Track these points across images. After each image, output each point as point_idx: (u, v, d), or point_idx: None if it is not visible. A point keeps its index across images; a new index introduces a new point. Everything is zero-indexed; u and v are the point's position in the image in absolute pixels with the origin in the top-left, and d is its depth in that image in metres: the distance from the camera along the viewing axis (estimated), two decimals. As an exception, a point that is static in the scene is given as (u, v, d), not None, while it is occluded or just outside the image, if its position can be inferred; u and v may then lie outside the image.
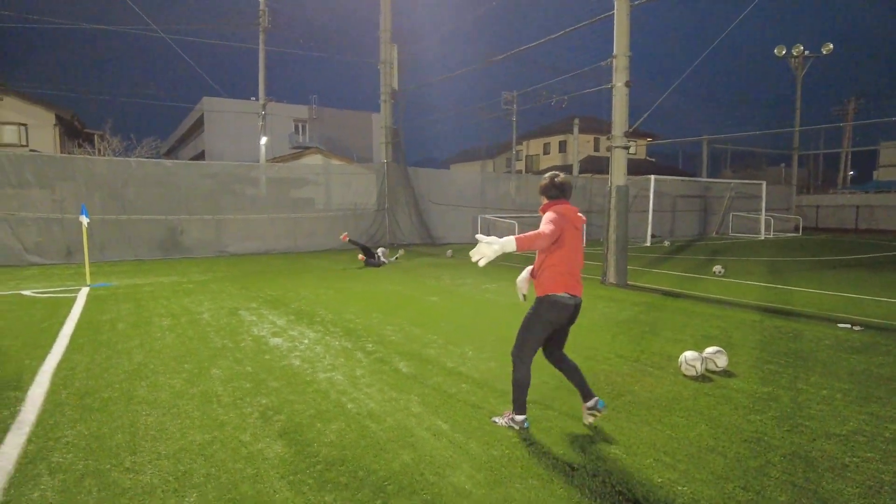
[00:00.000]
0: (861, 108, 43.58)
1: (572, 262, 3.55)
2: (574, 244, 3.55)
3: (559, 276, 3.51)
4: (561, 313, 3.55)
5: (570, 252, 3.53)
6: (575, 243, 3.55)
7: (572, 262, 3.55)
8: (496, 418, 3.85)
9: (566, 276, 3.52)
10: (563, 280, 3.51)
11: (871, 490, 2.96)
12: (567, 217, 3.53)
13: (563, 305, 3.52)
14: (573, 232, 3.56)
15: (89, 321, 7.06)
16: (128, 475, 3.10)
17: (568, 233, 3.51)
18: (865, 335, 6.42)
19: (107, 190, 14.78)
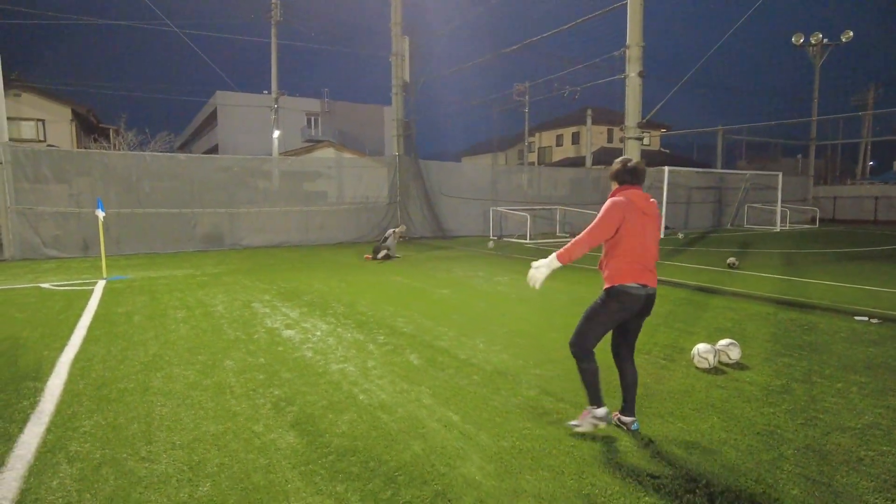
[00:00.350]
0: (881, 96, 42.75)
1: (640, 251, 3.37)
2: (641, 231, 3.36)
3: (625, 265, 3.36)
4: (629, 304, 3.37)
5: (637, 240, 3.35)
6: (642, 231, 3.37)
7: (639, 250, 3.36)
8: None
9: (633, 264, 3.36)
10: (629, 269, 3.35)
11: (887, 484, 2.92)
12: (634, 204, 3.36)
13: (631, 296, 3.35)
14: (641, 219, 3.37)
15: (106, 313, 7.16)
16: (143, 464, 3.15)
17: (633, 221, 3.34)
18: (883, 328, 6.33)
19: (122, 184, 14.94)
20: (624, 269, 3.36)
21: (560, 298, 8.20)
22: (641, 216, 3.38)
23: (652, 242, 3.43)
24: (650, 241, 3.42)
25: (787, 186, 27.06)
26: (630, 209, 3.35)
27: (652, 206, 3.44)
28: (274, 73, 25.14)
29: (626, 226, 3.33)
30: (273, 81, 25.29)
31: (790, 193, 28.43)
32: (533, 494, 2.82)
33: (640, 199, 3.40)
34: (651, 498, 2.78)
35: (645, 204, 3.41)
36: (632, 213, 3.35)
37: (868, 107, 40.45)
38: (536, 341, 5.76)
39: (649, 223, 3.42)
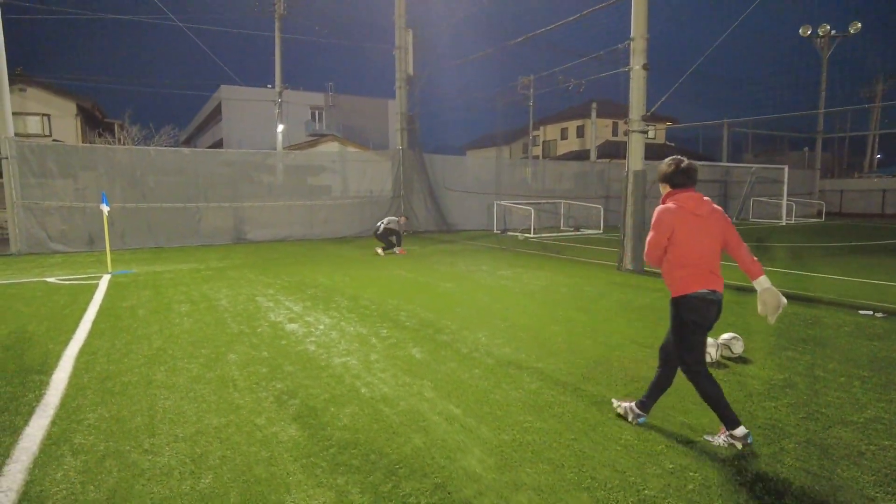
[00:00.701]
0: (890, 88, 42.33)
1: (698, 257, 3.20)
2: (696, 237, 3.20)
3: (688, 273, 3.21)
4: (704, 311, 3.21)
5: (694, 246, 3.20)
6: (698, 235, 3.20)
7: (698, 256, 3.20)
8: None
9: (696, 271, 3.20)
10: (694, 277, 3.20)
11: (888, 478, 2.92)
12: (684, 209, 3.21)
13: (705, 301, 3.19)
14: (695, 223, 3.20)
15: (110, 307, 7.21)
16: (146, 456, 3.18)
17: (686, 227, 3.19)
18: (888, 322, 6.30)
19: (127, 178, 15.00)
20: (687, 277, 3.22)
21: (562, 292, 8.20)
22: (696, 219, 3.20)
23: (714, 244, 3.24)
24: (712, 243, 3.23)
25: (793, 180, 26.90)
26: (680, 215, 3.20)
27: (706, 206, 3.26)
28: (278, 67, 25.12)
29: (679, 233, 3.19)
30: (277, 75, 25.28)
31: (796, 187, 28.27)
32: (532, 487, 2.83)
33: (693, 201, 3.24)
34: (650, 491, 2.79)
35: (699, 206, 3.23)
36: (683, 218, 3.19)
37: (876, 99, 40.10)
38: (538, 335, 5.77)
39: (706, 225, 3.22)
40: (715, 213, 3.28)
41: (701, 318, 3.23)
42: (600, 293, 8.12)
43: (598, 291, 8.26)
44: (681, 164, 3.32)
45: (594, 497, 2.74)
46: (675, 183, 3.32)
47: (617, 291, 8.27)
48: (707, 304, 3.21)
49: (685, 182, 3.31)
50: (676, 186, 3.32)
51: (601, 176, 24.65)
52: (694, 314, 3.22)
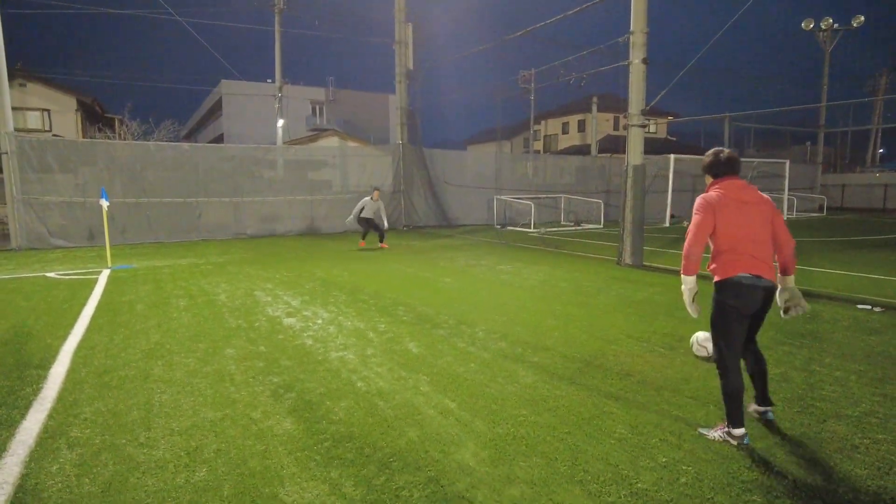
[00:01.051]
0: (894, 82, 42.09)
1: (743, 241, 3.17)
2: (741, 222, 3.18)
3: (729, 257, 3.19)
4: (743, 297, 3.17)
5: (738, 231, 3.17)
6: (744, 220, 3.18)
7: (742, 240, 3.17)
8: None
9: (738, 255, 3.17)
10: (734, 261, 3.17)
11: (881, 471, 2.92)
12: (726, 196, 3.21)
13: (743, 287, 3.15)
14: (739, 209, 3.20)
15: (109, 302, 7.23)
16: (142, 450, 3.19)
17: (729, 212, 3.18)
18: (885, 316, 6.30)
19: (127, 173, 15.01)
20: (728, 261, 3.20)
21: (561, 286, 8.20)
22: (740, 205, 3.20)
23: (760, 231, 3.20)
24: (756, 229, 3.19)
25: (794, 174, 26.81)
26: (722, 202, 3.20)
27: (752, 193, 3.26)
28: (278, 61, 25.06)
29: (721, 219, 3.19)
30: (277, 70, 25.21)
31: (798, 181, 28.18)
32: (525, 480, 2.84)
33: (737, 188, 3.24)
34: (643, 485, 2.80)
35: (743, 193, 3.23)
36: (725, 205, 3.20)
37: (879, 93, 39.91)
38: (535, 329, 5.77)
39: (752, 211, 3.21)
40: (764, 201, 3.26)
41: (740, 304, 3.19)
42: (599, 288, 8.12)
43: (597, 286, 8.26)
44: (721, 153, 3.34)
45: (587, 490, 2.75)
46: (717, 172, 3.34)
47: (615, 286, 8.27)
48: (748, 290, 3.16)
49: (727, 171, 3.32)
50: (718, 176, 3.34)
51: (602, 170, 24.60)
52: (732, 299, 3.19)
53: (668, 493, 2.72)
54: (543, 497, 2.69)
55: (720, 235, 3.23)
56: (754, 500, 2.67)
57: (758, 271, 3.16)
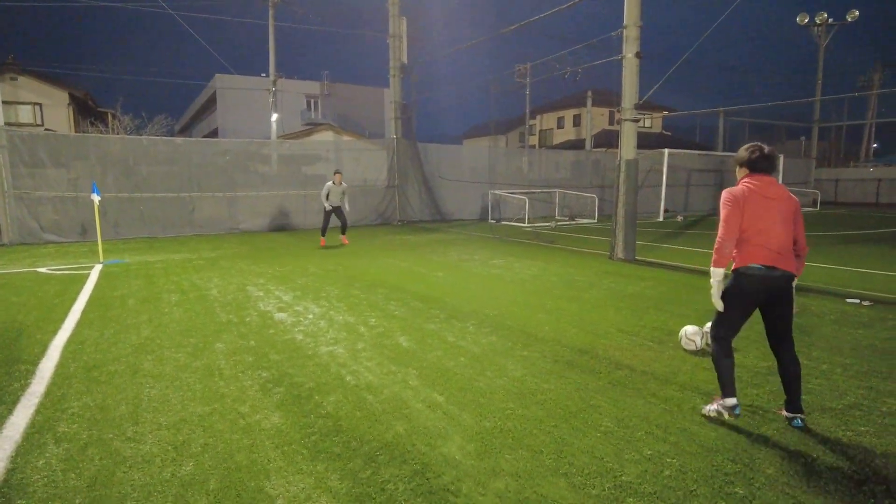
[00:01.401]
0: (887, 77, 42.19)
1: (761, 234, 3.28)
2: (763, 215, 3.29)
3: (746, 248, 3.32)
4: (752, 287, 3.31)
5: (758, 224, 3.29)
6: (765, 214, 3.29)
7: (761, 233, 3.28)
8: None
9: (754, 247, 3.29)
10: (750, 252, 3.30)
11: (862, 463, 2.95)
12: (752, 191, 3.32)
13: (750, 277, 3.29)
14: (763, 203, 3.30)
15: (101, 297, 7.21)
16: (129, 444, 3.20)
17: (753, 206, 3.29)
18: (873, 310, 6.34)
19: (120, 168, 14.93)
20: (744, 251, 3.33)
21: (553, 281, 8.22)
22: (764, 200, 3.31)
23: (777, 224, 3.30)
24: (776, 224, 3.30)
25: (789, 169, 26.89)
26: (748, 195, 3.32)
27: (779, 190, 3.35)
28: (272, 55, 24.93)
29: (746, 212, 3.31)
30: (271, 64, 25.09)
31: (792, 176, 28.25)
32: (511, 473, 2.86)
33: (765, 184, 3.34)
34: (627, 477, 2.82)
35: (770, 189, 3.33)
36: (751, 199, 3.31)
37: (873, 88, 40.00)
38: (526, 323, 5.79)
39: (773, 206, 3.31)
40: (789, 199, 3.36)
41: (747, 294, 3.35)
42: (590, 282, 8.15)
43: (589, 280, 8.29)
44: (763, 149, 3.40)
45: (571, 483, 2.77)
46: (757, 168, 3.39)
47: (607, 280, 8.29)
48: (757, 280, 3.29)
49: (767, 167, 3.39)
50: (755, 171, 3.40)
51: (596, 165, 24.61)
52: (740, 288, 3.35)
53: (651, 486, 2.74)
54: (528, 490, 2.71)
55: (745, 230, 3.33)
56: (736, 492, 2.69)
57: (772, 262, 3.27)
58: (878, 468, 2.90)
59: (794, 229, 3.37)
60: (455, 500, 2.63)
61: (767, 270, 3.27)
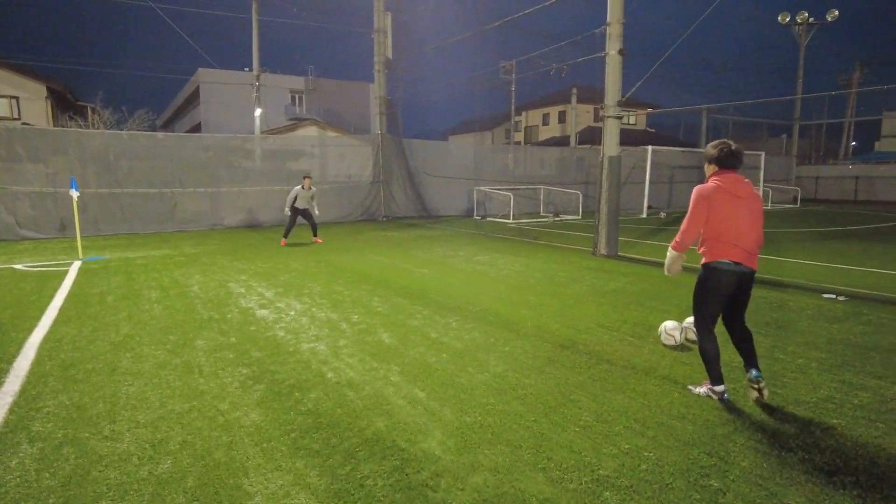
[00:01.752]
0: (866, 76, 42.87)
1: (730, 231, 3.47)
2: (731, 213, 3.46)
3: (716, 244, 3.52)
4: (723, 280, 3.53)
5: (727, 222, 3.46)
6: (734, 212, 3.46)
7: (730, 230, 3.47)
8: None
9: (724, 244, 3.49)
10: (720, 248, 3.50)
11: (834, 455, 3.01)
12: (722, 188, 3.47)
13: (722, 272, 3.52)
14: (731, 201, 3.47)
15: (79, 294, 7.10)
16: (105, 443, 3.16)
17: (721, 203, 3.46)
18: (848, 305, 6.46)
19: (100, 163, 14.69)
20: (714, 247, 3.52)
21: (536, 277, 8.26)
22: (733, 198, 3.47)
23: (746, 223, 3.48)
24: (743, 221, 3.47)
25: (770, 166, 27.24)
26: (717, 193, 3.47)
27: (747, 188, 3.51)
28: (255, 49, 24.67)
29: (714, 208, 3.47)
30: (255, 58, 24.82)
31: (773, 173, 28.65)
32: (489, 468, 2.87)
33: (734, 182, 3.49)
34: (605, 471, 2.85)
35: (738, 187, 3.48)
36: (719, 196, 3.47)
37: (852, 86, 40.63)
38: (508, 319, 5.81)
39: (743, 205, 3.48)
40: (755, 197, 3.55)
41: (718, 285, 3.56)
42: (573, 278, 8.20)
43: (571, 276, 8.34)
44: (731, 146, 3.55)
45: (549, 477, 2.80)
46: (725, 164, 3.55)
47: (589, 276, 8.35)
48: (728, 274, 3.51)
49: (734, 164, 3.55)
50: (723, 167, 3.56)
51: (581, 162, 24.74)
52: (715, 281, 3.57)
53: (628, 480, 2.77)
54: (506, 484, 2.73)
55: (710, 224, 3.53)
56: (711, 484, 2.73)
57: (739, 259, 3.49)
58: (849, 460, 2.96)
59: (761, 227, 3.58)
60: (433, 495, 2.64)
61: (737, 266, 3.51)
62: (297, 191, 12.19)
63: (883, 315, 5.99)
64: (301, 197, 12.19)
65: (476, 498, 2.62)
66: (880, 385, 4.00)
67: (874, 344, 4.97)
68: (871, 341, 5.05)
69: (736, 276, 3.52)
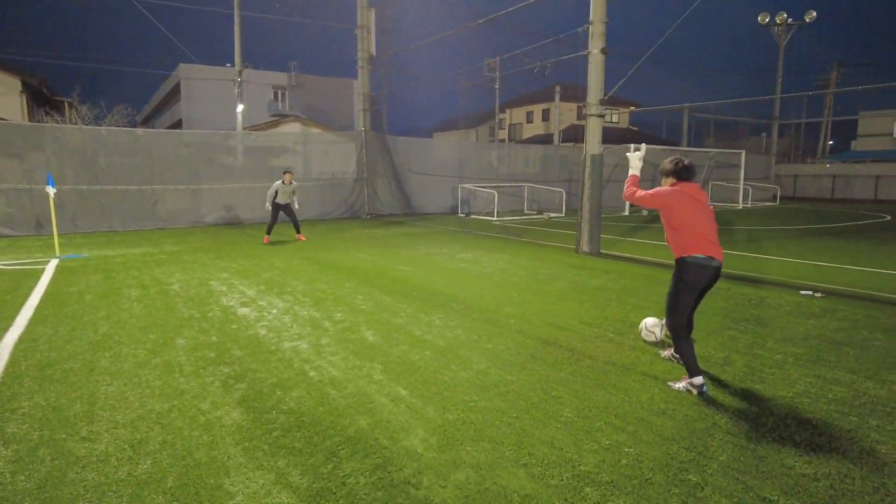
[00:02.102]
0: (843, 76, 43.67)
1: (698, 227, 3.78)
2: (696, 213, 3.80)
3: (691, 238, 3.78)
4: (701, 274, 3.77)
5: (695, 220, 3.79)
6: (699, 213, 3.81)
7: (697, 227, 3.78)
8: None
9: (698, 238, 3.77)
10: (696, 242, 3.77)
11: (809, 448, 3.08)
12: (684, 192, 3.83)
13: (701, 266, 3.76)
14: (693, 204, 3.82)
15: (56, 293, 6.98)
16: (83, 444, 3.12)
17: (686, 204, 3.80)
18: (825, 301, 6.58)
19: (78, 159, 14.43)
20: (690, 242, 3.79)
21: (519, 274, 8.29)
22: (694, 202, 3.83)
23: (709, 223, 3.84)
24: (708, 221, 3.84)
25: (750, 164, 27.63)
26: (679, 195, 3.83)
27: (703, 195, 3.90)
28: (237, 45, 24.39)
29: (680, 207, 3.80)
30: (237, 54, 24.54)
31: (753, 171, 29.05)
32: (471, 465, 2.89)
33: (692, 189, 3.87)
34: (585, 467, 2.88)
35: (697, 193, 3.86)
36: (682, 198, 3.82)
37: (830, 86, 41.35)
38: (492, 316, 5.83)
39: (703, 207, 3.86)
40: (706, 201, 3.92)
41: (695, 279, 3.80)
42: (556, 275, 8.25)
43: (554, 273, 8.39)
44: (685, 161, 3.92)
45: (530, 473, 2.82)
46: (681, 177, 3.91)
47: (571, 273, 8.41)
48: (702, 269, 3.77)
49: (689, 176, 3.92)
50: (680, 179, 3.91)
51: (564, 160, 24.85)
52: (690, 275, 3.80)
53: (609, 475, 2.81)
54: (488, 480, 2.74)
55: (682, 222, 3.81)
56: (690, 479, 2.78)
57: (712, 253, 3.77)
58: (823, 453, 3.03)
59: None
60: (416, 492, 2.65)
61: (709, 259, 3.77)
62: (277, 186, 12.10)
63: (857, 311, 6.12)
64: (282, 192, 12.11)
65: (458, 495, 2.63)
66: (854, 380, 4.09)
67: (848, 339, 5.08)
68: (846, 337, 5.16)
69: (711, 270, 3.77)
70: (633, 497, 2.62)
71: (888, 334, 5.25)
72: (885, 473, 2.83)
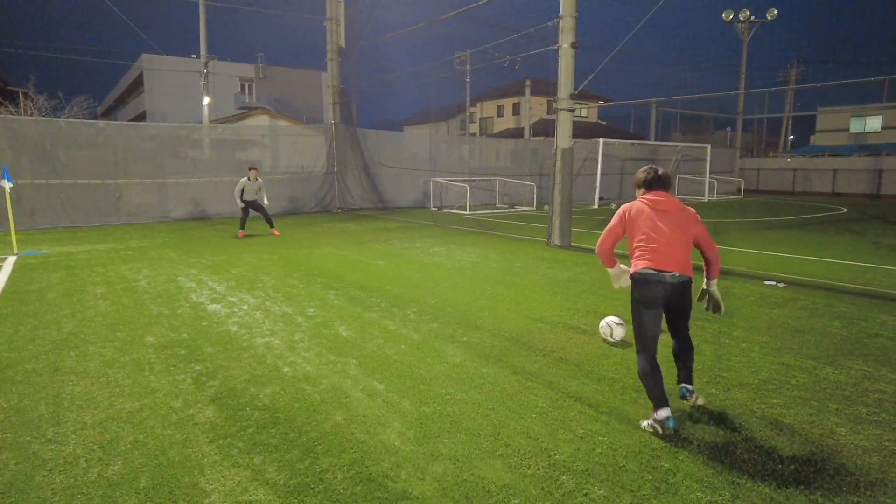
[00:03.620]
0: (803, 73, 44.97)
1: (653, 241, 3.37)
2: (654, 224, 3.40)
3: (639, 253, 3.42)
4: (650, 290, 3.32)
5: (648, 231, 3.40)
6: (656, 223, 3.40)
7: (651, 240, 3.38)
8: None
9: (647, 252, 3.38)
10: (643, 255, 3.39)
11: (773, 432, 3.19)
12: (646, 205, 3.48)
13: (649, 280, 3.31)
14: (654, 215, 3.43)
15: (14, 291, 6.74)
16: (49, 446, 3.03)
17: (643, 217, 3.44)
18: (788, 291, 6.80)
19: (35, 152, 13.92)
20: (638, 254, 3.44)
21: (492, 268, 8.34)
22: (656, 212, 3.44)
23: (672, 233, 3.36)
24: (669, 231, 3.37)
25: (715, 159, 28.29)
26: (638, 211, 3.50)
27: (674, 204, 3.47)
28: (203, 35, 23.81)
29: (637, 222, 3.47)
30: (202, 45, 23.96)
31: (718, 165, 29.75)
32: (449, 457, 2.91)
33: (660, 198, 3.48)
34: (561, 456, 2.92)
35: (665, 204, 3.45)
36: (643, 212, 3.48)
37: (790, 83, 42.54)
38: (466, 310, 5.86)
39: (668, 217, 3.42)
40: (684, 211, 3.47)
41: (642, 297, 3.35)
42: (528, 268, 8.33)
43: (526, 266, 8.47)
44: (657, 171, 3.61)
45: (507, 464, 2.85)
46: (652, 186, 3.57)
47: (543, 266, 8.50)
48: (650, 284, 3.31)
49: (660, 186, 3.57)
50: (651, 189, 3.57)
51: (534, 154, 25.05)
52: (637, 291, 3.38)
53: (584, 464, 2.86)
54: (465, 472, 2.77)
55: (634, 236, 3.47)
56: (662, 465, 2.85)
57: (662, 266, 3.31)
58: (787, 436, 3.14)
59: (698, 238, 3.47)
60: (394, 486, 2.65)
61: (659, 273, 3.30)
62: (243, 182, 11.95)
63: (818, 300, 6.34)
64: (248, 189, 11.96)
65: (436, 487, 2.65)
66: (815, 366, 4.25)
67: (809, 327, 5.27)
68: (807, 325, 5.35)
69: (665, 284, 3.30)
70: (608, 484, 2.67)
71: (845, 321, 5.46)
72: (844, 455, 2.95)
